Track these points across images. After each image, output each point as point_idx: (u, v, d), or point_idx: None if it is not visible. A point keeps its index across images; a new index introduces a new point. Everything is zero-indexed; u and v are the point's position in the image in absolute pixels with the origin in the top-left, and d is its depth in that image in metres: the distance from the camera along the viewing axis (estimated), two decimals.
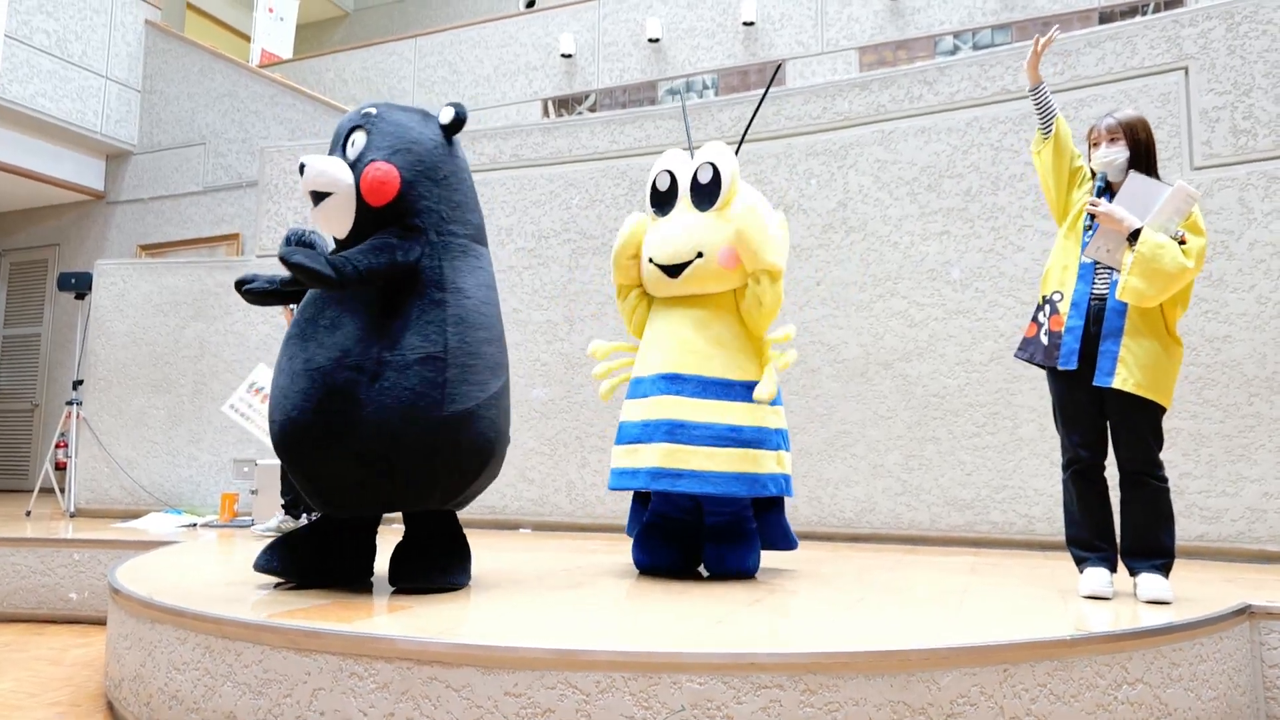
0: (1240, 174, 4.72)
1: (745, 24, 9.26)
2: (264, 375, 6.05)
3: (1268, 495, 4.51)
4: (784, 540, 4.01)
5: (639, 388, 3.85)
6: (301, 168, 3.26)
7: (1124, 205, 3.22)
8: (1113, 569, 3.33)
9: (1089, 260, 3.29)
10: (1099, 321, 3.24)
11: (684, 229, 3.80)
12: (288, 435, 3.20)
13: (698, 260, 3.74)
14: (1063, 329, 3.29)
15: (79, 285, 7.44)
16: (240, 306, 7.12)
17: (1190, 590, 3.46)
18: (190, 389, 7.22)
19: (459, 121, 3.46)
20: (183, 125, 9.90)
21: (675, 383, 3.72)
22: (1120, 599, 3.21)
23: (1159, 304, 3.18)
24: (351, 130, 3.40)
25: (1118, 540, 3.38)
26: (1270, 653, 3.11)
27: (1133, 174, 3.28)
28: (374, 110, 3.42)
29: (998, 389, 5.12)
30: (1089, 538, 3.35)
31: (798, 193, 5.74)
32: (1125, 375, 3.15)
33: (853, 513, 5.41)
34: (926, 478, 5.27)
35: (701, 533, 3.92)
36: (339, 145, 3.42)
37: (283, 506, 5.83)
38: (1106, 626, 2.72)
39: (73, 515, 6.92)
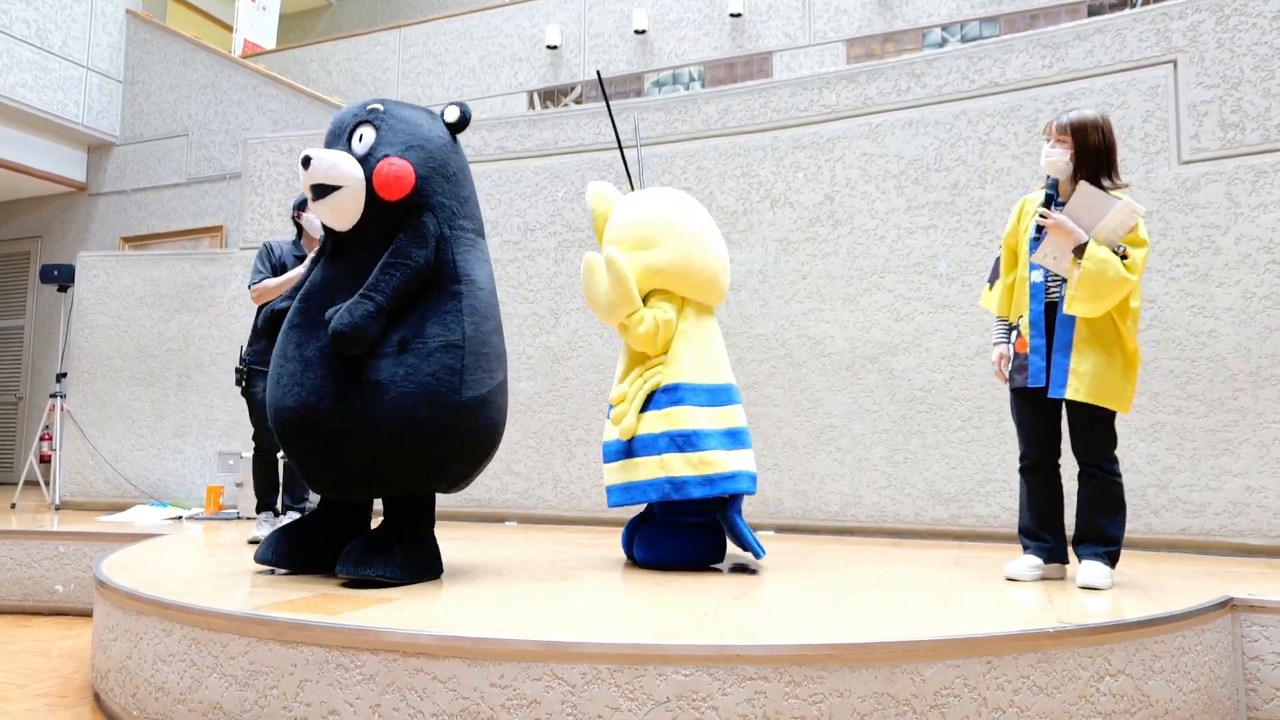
0: (1228, 168, 4.73)
1: (732, 15, 9.25)
2: None
3: (1250, 489, 4.54)
4: (738, 541, 3.87)
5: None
6: (306, 160, 3.26)
7: (1072, 215, 3.33)
8: (1049, 559, 3.53)
9: (1038, 263, 3.44)
10: (1052, 335, 3.44)
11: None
12: (303, 421, 3.23)
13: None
14: (1028, 351, 3.49)
15: (61, 277, 7.40)
16: (225, 299, 7.09)
17: (1172, 583, 3.49)
18: (175, 382, 7.18)
19: (464, 121, 3.61)
20: (165, 116, 9.83)
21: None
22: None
23: (1106, 315, 3.34)
24: (357, 125, 3.42)
25: (1067, 535, 3.59)
26: (1251, 645, 3.13)
27: (1082, 185, 3.34)
28: (380, 107, 3.45)
29: (983, 383, 5.13)
30: (1034, 528, 3.57)
31: (784, 185, 5.74)
32: (1077, 386, 3.33)
33: (838, 506, 5.43)
34: (912, 471, 5.29)
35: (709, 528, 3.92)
36: (343, 139, 3.43)
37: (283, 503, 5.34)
38: (1089, 619, 2.74)
39: (58, 508, 6.89)
